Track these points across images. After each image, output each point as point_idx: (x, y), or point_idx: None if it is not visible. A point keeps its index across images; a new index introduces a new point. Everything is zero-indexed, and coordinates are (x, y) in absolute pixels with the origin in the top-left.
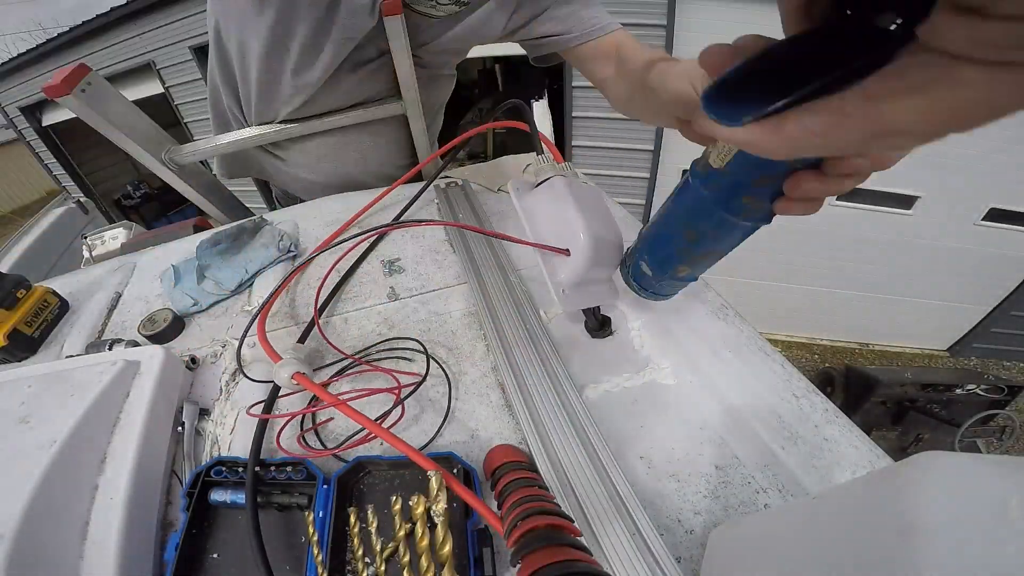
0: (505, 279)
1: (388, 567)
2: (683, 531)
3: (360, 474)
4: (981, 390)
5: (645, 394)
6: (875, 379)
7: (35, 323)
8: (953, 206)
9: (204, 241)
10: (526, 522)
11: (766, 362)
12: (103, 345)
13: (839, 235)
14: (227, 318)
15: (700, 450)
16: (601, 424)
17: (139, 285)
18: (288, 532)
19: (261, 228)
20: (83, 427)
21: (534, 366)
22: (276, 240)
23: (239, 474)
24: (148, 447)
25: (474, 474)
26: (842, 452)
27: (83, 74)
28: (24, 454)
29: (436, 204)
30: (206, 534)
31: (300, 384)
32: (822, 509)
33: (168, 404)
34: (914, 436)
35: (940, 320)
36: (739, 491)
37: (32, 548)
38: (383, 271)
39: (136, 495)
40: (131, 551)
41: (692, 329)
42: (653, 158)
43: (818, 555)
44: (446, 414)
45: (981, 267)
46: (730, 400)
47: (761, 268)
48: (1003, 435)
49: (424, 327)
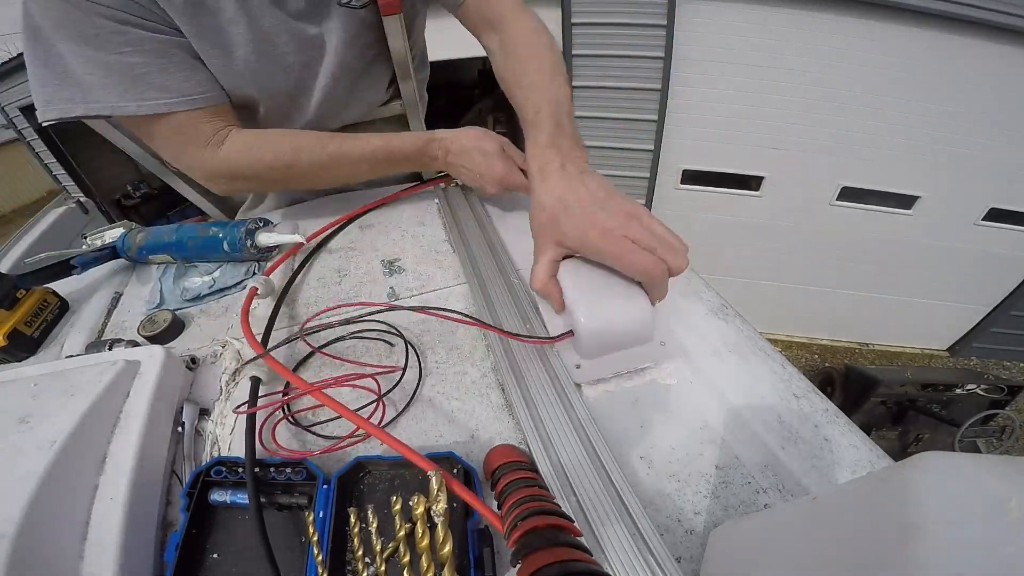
0: (505, 279)
1: (388, 567)
2: (683, 531)
3: (360, 474)
4: (981, 390)
5: (645, 394)
6: (875, 379)
7: (35, 323)
8: (953, 206)
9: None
10: (526, 522)
11: (766, 362)
12: (103, 345)
13: (839, 235)
14: (227, 318)
15: (700, 450)
16: (601, 424)
17: (139, 285)
18: (288, 532)
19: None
20: (83, 427)
21: (534, 366)
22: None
23: (239, 474)
24: (148, 447)
25: (474, 474)
26: (842, 452)
27: None
28: (24, 454)
29: (436, 204)
30: (206, 534)
31: (272, 368)
32: (822, 509)
33: (168, 404)
34: (914, 436)
35: (940, 320)
36: (739, 491)
37: (32, 548)
38: (383, 271)
39: (136, 495)
40: (131, 551)
41: (692, 329)
42: (653, 158)
43: (818, 555)
44: (410, 399)
45: (981, 267)
46: (730, 400)
47: (761, 268)
48: (1003, 435)
49: (424, 327)
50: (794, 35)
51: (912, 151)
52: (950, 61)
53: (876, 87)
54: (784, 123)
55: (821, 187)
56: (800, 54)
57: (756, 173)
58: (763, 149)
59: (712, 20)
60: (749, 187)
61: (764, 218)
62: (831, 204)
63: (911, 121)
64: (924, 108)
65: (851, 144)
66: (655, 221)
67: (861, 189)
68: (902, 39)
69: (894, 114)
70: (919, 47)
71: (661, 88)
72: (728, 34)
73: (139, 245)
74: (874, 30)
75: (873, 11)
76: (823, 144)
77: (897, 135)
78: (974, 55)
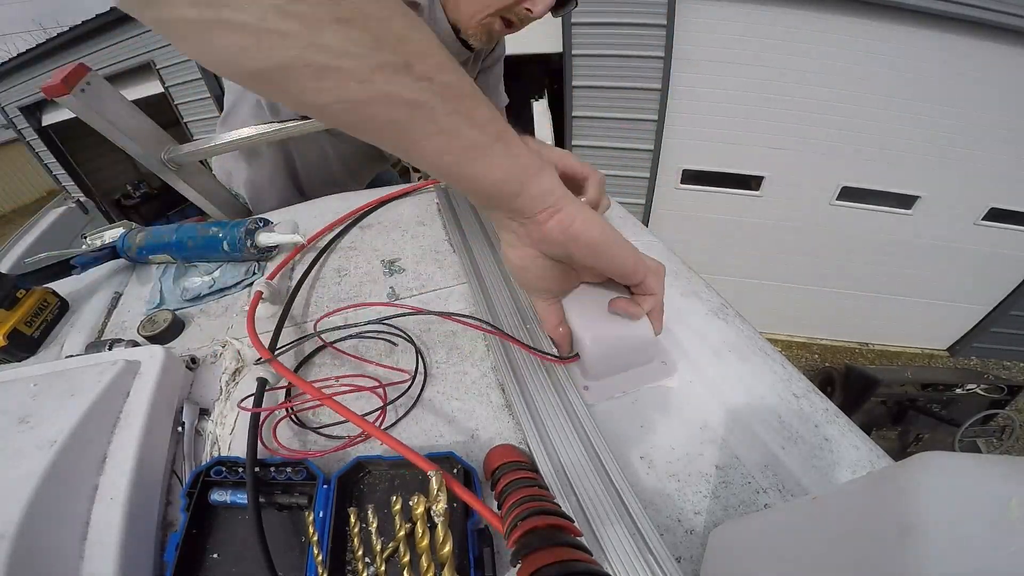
0: (505, 279)
1: (388, 567)
2: (683, 531)
3: (360, 474)
4: (981, 390)
5: (645, 394)
6: (875, 379)
7: (35, 323)
8: (953, 206)
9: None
10: (526, 522)
11: (766, 362)
12: (103, 345)
13: (839, 235)
14: (227, 318)
15: (700, 450)
16: (601, 424)
17: (139, 285)
18: (288, 532)
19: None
20: (83, 427)
21: (534, 366)
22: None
23: (239, 474)
24: (148, 447)
25: (474, 474)
26: (842, 452)
27: (82, 74)
28: (24, 454)
29: (436, 204)
30: (206, 534)
31: (279, 373)
32: (822, 509)
33: (168, 404)
34: (914, 436)
35: (940, 320)
36: (739, 491)
37: (32, 548)
38: (383, 271)
39: (136, 495)
40: (131, 551)
41: (692, 329)
42: (653, 158)
43: (818, 555)
44: (413, 404)
45: (981, 267)
46: (730, 400)
47: (761, 268)
48: (1003, 435)
49: (424, 327)
50: (794, 35)
51: (912, 151)
52: (950, 61)
53: (876, 87)
54: (784, 123)
55: (821, 187)
56: (800, 54)
57: (756, 173)
58: (763, 149)
59: (712, 20)
60: (749, 187)
61: (764, 218)
62: (831, 204)
63: (911, 121)
64: (924, 108)
65: (851, 144)
66: (627, 247)
67: (861, 189)
68: (902, 39)
69: (894, 114)
70: (920, 47)
71: (661, 88)
72: (728, 34)
73: (139, 245)
74: (874, 30)
75: (873, 11)
76: (823, 144)
77: (897, 135)
78: (974, 55)
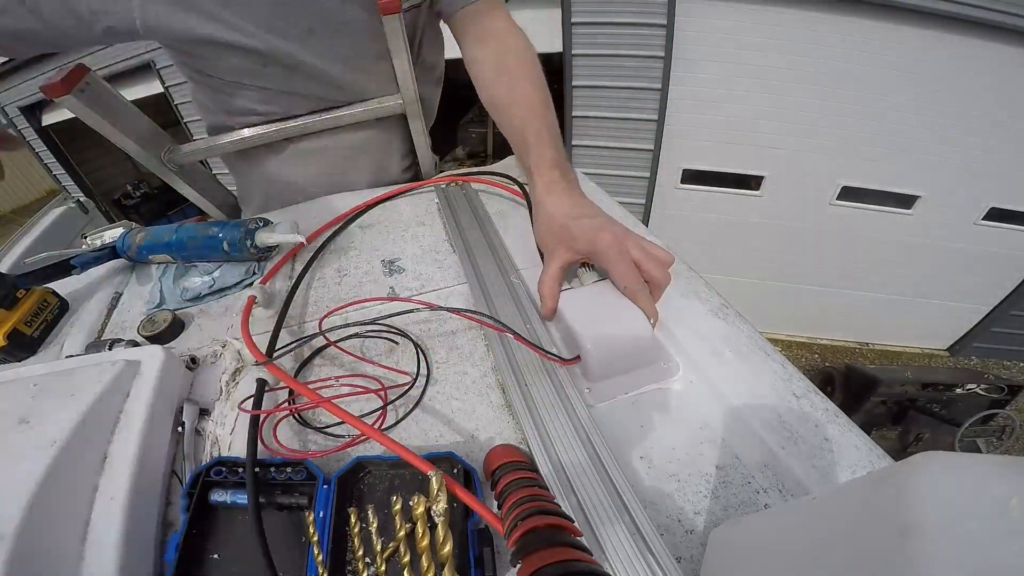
0: (505, 279)
1: (388, 567)
2: (683, 531)
3: (360, 474)
4: (981, 390)
5: (645, 394)
6: (875, 378)
7: (35, 323)
8: (953, 206)
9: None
10: (526, 522)
11: (766, 362)
12: (103, 345)
13: (839, 235)
14: (227, 318)
15: (700, 450)
16: (602, 424)
17: (139, 285)
18: (288, 532)
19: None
20: (83, 427)
21: (534, 366)
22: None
23: (239, 474)
24: (148, 447)
25: (474, 474)
26: (842, 452)
27: (82, 74)
28: (24, 454)
29: (436, 204)
30: (206, 534)
31: (276, 376)
32: (822, 509)
33: (168, 404)
34: (914, 436)
35: (940, 320)
36: (739, 491)
37: (32, 548)
38: (383, 271)
39: (136, 495)
40: (131, 551)
41: (692, 329)
42: (653, 158)
43: (818, 555)
44: (414, 405)
45: (981, 267)
46: (730, 400)
47: (761, 268)
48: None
49: (424, 327)
50: (794, 35)
51: (912, 151)
52: (950, 61)
53: (876, 87)
54: (784, 123)
55: (821, 187)
56: (800, 54)
57: (756, 173)
58: (763, 149)
59: (712, 20)
60: (749, 187)
61: (764, 218)
62: (831, 204)
63: (911, 121)
64: (924, 108)
65: (851, 144)
66: (643, 238)
67: (861, 189)
68: (902, 39)
69: (894, 114)
70: (919, 47)
71: (661, 88)
72: (728, 34)
73: (139, 245)
74: (874, 30)
75: (874, 11)
76: (823, 144)
77: (897, 135)
78: (974, 55)
